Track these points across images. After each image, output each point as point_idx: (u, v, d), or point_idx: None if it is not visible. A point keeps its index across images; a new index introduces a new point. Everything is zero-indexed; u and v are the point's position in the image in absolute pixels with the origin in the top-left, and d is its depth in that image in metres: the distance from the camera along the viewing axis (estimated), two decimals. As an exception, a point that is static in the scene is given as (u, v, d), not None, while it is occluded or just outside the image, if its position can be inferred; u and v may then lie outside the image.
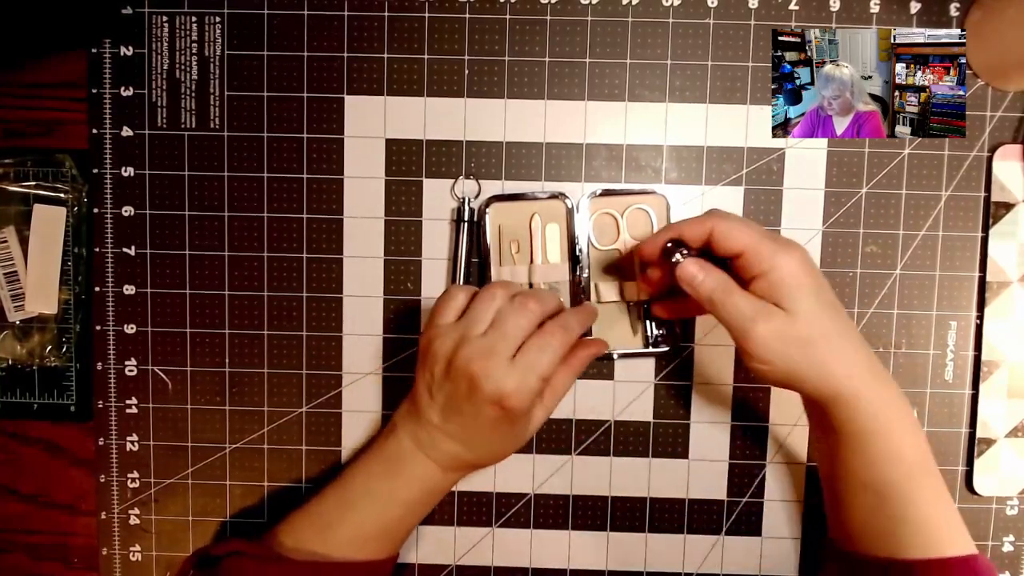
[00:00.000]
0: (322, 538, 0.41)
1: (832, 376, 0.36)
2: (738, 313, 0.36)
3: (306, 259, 0.47)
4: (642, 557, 0.48)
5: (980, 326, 0.46)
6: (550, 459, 0.48)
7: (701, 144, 0.46)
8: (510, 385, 0.37)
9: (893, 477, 0.36)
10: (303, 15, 0.46)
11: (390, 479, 0.41)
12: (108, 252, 0.47)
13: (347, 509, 0.41)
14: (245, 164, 0.47)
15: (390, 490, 0.41)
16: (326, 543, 0.40)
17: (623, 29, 0.46)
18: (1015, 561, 0.47)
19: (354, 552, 0.40)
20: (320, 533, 0.41)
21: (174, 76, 0.47)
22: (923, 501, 0.36)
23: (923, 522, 0.36)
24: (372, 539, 0.41)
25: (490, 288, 0.40)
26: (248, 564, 0.39)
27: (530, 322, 0.38)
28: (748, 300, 0.36)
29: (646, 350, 0.47)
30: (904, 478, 0.36)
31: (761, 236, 0.36)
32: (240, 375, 0.48)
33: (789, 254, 0.36)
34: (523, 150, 0.47)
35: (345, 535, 0.40)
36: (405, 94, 0.46)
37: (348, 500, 0.41)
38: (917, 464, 0.36)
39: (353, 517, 0.41)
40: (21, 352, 0.48)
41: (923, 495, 0.36)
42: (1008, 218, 0.46)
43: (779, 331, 0.35)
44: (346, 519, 0.41)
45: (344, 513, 0.41)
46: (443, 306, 0.40)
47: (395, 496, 0.41)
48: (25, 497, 0.49)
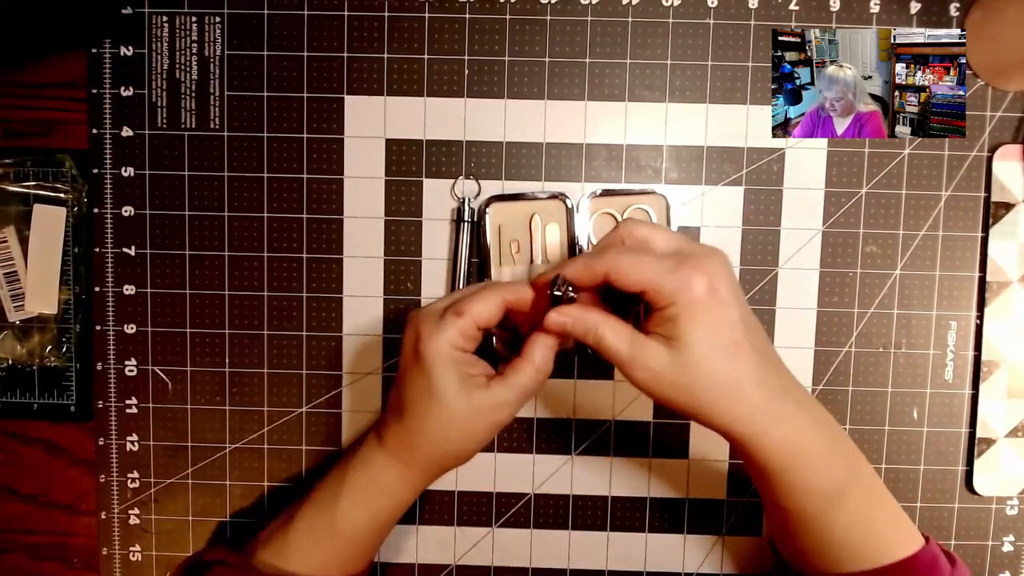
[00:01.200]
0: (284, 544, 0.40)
1: (715, 419, 0.34)
2: (615, 354, 0.34)
3: (306, 259, 0.47)
4: (642, 557, 0.48)
5: (980, 326, 0.46)
6: (550, 459, 0.48)
7: (701, 144, 0.46)
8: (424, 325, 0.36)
9: (805, 505, 0.36)
10: (303, 15, 0.46)
11: (345, 470, 0.40)
12: (108, 252, 0.47)
13: (307, 507, 0.40)
14: (245, 164, 0.47)
15: (345, 481, 0.39)
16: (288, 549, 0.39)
17: (623, 29, 0.46)
18: (1015, 561, 0.47)
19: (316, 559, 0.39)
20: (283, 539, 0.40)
21: (174, 76, 0.47)
22: (844, 520, 0.36)
23: (848, 540, 0.36)
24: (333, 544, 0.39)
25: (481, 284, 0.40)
26: (228, 573, 0.39)
27: (482, 286, 0.38)
28: (623, 340, 0.34)
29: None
30: (818, 505, 0.36)
31: (658, 270, 0.33)
32: (240, 375, 0.48)
33: (689, 288, 0.33)
34: (523, 150, 0.47)
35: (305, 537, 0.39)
36: (405, 94, 0.46)
37: (310, 498, 0.41)
38: (829, 493, 0.35)
39: (311, 515, 0.40)
40: (21, 352, 0.48)
41: (843, 515, 0.36)
42: (1008, 218, 0.46)
43: (657, 373, 0.33)
44: (305, 518, 0.40)
45: (303, 511, 0.40)
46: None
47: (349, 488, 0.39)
48: (25, 497, 0.49)
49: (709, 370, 0.33)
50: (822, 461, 0.35)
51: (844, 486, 0.36)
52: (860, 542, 0.36)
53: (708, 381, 0.33)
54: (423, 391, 0.36)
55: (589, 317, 0.35)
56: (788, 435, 0.34)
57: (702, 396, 0.33)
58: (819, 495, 0.35)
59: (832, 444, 0.36)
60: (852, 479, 0.36)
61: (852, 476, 0.36)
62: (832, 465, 0.35)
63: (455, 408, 0.36)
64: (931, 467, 0.47)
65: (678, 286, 0.33)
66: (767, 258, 0.47)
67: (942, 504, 0.47)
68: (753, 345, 0.34)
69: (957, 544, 0.47)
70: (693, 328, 0.33)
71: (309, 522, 0.40)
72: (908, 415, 0.47)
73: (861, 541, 0.36)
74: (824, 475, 0.35)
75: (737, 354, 0.33)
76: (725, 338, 0.33)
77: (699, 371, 0.33)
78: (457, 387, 0.36)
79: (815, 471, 0.35)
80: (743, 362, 0.33)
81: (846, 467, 0.36)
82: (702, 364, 0.33)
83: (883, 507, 0.37)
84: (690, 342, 0.33)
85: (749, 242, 0.47)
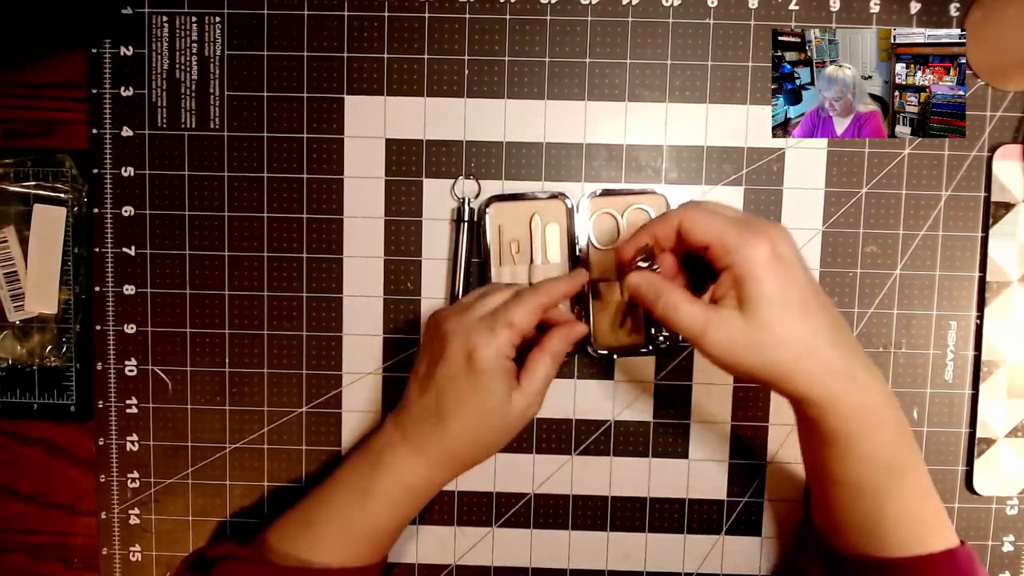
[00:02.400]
0: (307, 539, 0.40)
1: (793, 381, 0.34)
2: (689, 325, 0.35)
3: (306, 259, 0.47)
4: (642, 557, 0.48)
5: (980, 326, 0.46)
6: (550, 459, 0.48)
7: (701, 144, 0.46)
8: (477, 337, 0.37)
9: (865, 477, 0.36)
10: (303, 15, 0.46)
11: (372, 472, 0.40)
12: (108, 252, 0.47)
13: (330, 507, 0.41)
14: (245, 164, 0.47)
15: (372, 484, 0.40)
16: (311, 544, 0.40)
17: (623, 29, 0.46)
18: (1015, 561, 0.47)
19: (339, 553, 0.40)
20: (305, 534, 0.40)
21: (174, 76, 0.47)
22: (898, 499, 0.36)
23: (899, 519, 0.36)
24: (356, 540, 0.40)
25: (488, 285, 0.42)
26: (238, 567, 0.39)
27: (510, 292, 0.40)
28: (697, 309, 0.35)
29: (646, 350, 0.47)
30: (877, 478, 0.36)
31: (726, 226, 0.35)
32: (240, 375, 0.48)
33: (753, 247, 0.34)
34: (523, 150, 0.47)
35: (328, 535, 0.40)
36: (405, 94, 0.46)
37: (331, 498, 0.41)
38: (891, 464, 0.36)
39: (336, 516, 0.40)
40: (21, 352, 0.48)
41: (898, 494, 0.36)
42: (1008, 218, 0.46)
43: (732, 338, 0.34)
44: (330, 518, 0.40)
45: (327, 512, 0.41)
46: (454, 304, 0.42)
47: (376, 491, 0.40)
48: (25, 497, 0.49)
49: (782, 329, 0.33)
50: (889, 431, 0.35)
51: (906, 462, 0.36)
52: (908, 526, 0.36)
53: (782, 340, 0.33)
54: (476, 400, 0.38)
55: (665, 285, 0.37)
56: (864, 399, 0.35)
57: (778, 356, 0.34)
58: (881, 467, 0.35)
59: (899, 415, 0.36)
60: (912, 458, 0.36)
61: (912, 455, 0.36)
62: (898, 437, 0.36)
63: (503, 413, 0.38)
64: (931, 467, 0.47)
65: (743, 244, 0.34)
66: (767, 258, 0.47)
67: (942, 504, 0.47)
68: (823, 306, 0.35)
69: (957, 544, 0.47)
70: (762, 289, 0.33)
71: (335, 525, 0.40)
72: (908, 415, 0.47)
73: (909, 525, 0.36)
74: (889, 446, 0.35)
75: (807, 314, 0.34)
76: (795, 298, 0.34)
77: (772, 331, 0.33)
78: (507, 394, 0.38)
79: (883, 441, 0.35)
80: (815, 322, 0.34)
81: (908, 443, 0.36)
82: (775, 324, 0.33)
83: (933, 495, 0.37)
84: (760, 303, 0.33)
85: (749, 242, 0.47)
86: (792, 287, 0.34)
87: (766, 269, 0.34)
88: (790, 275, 0.34)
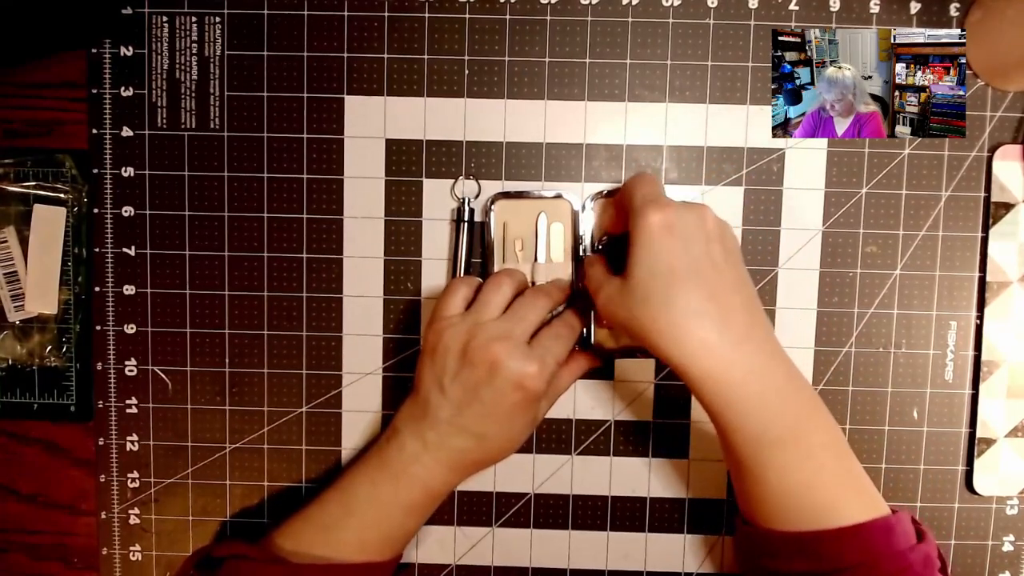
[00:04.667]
0: (323, 541, 0.40)
1: (650, 339, 0.35)
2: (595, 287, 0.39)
3: (306, 259, 0.47)
4: (642, 557, 0.48)
5: (980, 326, 0.46)
6: (550, 459, 0.48)
7: (701, 144, 0.46)
8: (532, 367, 0.38)
9: (739, 450, 0.36)
10: (303, 15, 0.46)
11: (393, 484, 0.40)
12: (108, 252, 0.47)
13: (349, 515, 0.41)
14: (245, 164, 0.47)
15: (394, 495, 0.40)
16: (327, 546, 0.40)
17: (623, 29, 0.46)
18: (1015, 561, 0.47)
19: (356, 554, 0.40)
20: (322, 536, 0.41)
21: (174, 76, 0.47)
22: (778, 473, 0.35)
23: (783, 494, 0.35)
24: (375, 543, 0.41)
25: (496, 277, 0.42)
26: (250, 567, 0.39)
27: (545, 309, 0.41)
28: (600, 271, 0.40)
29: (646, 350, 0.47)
30: (748, 450, 0.35)
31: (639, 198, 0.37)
32: (240, 375, 0.48)
33: (645, 216, 0.36)
34: (523, 150, 0.47)
35: (347, 538, 0.40)
36: (405, 94, 0.46)
37: (350, 506, 0.41)
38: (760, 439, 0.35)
39: (355, 522, 0.40)
40: (21, 352, 0.48)
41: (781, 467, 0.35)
42: (1008, 218, 0.46)
43: (609, 297, 0.38)
44: (349, 524, 0.40)
45: (346, 518, 0.41)
46: (448, 299, 0.41)
47: (398, 501, 0.40)
48: (25, 497, 0.49)
49: (643, 291, 0.36)
50: (752, 404, 0.35)
51: (782, 435, 0.35)
52: (797, 499, 0.35)
53: (642, 298, 0.36)
54: (521, 422, 0.40)
55: (592, 258, 0.42)
56: (722, 372, 0.35)
57: (638, 312, 0.36)
58: (752, 440, 0.35)
59: (780, 398, 0.35)
60: (793, 434, 0.35)
61: (794, 432, 0.35)
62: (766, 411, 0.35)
63: (535, 423, 0.42)
64: (931, 467, 0.47)
65: (640, 211, 0.36)
66: (767, 258, 0.47)
67: (942, 504, 0.47)
68: (701, 281, 0.35)
69: (957, 544, 0.47)
70: (638, 253, 0.36)
71: (354, 529, 0.40)
72: (908, 415, 0.47)
73: (798, 498, 0.35)
74: (756, 420, 0.35)
75: (672, 280, 0.35)
76: (664, 265, 0.35)
77: (636, 292, 0.36)
78: (543, 409, 0.42)
79: (747, 414, 0.35)
80: (678, 289, 0.35)
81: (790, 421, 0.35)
82: (638, 287, 0.36)
83: (832, 471, 0.36)
84: (634, 265, 0.36)
85: (749, 242, 0.47)
86: (664, 255, 0.36)
87: (649, 235, 0.36)
88: (669, 245, 0.36)
